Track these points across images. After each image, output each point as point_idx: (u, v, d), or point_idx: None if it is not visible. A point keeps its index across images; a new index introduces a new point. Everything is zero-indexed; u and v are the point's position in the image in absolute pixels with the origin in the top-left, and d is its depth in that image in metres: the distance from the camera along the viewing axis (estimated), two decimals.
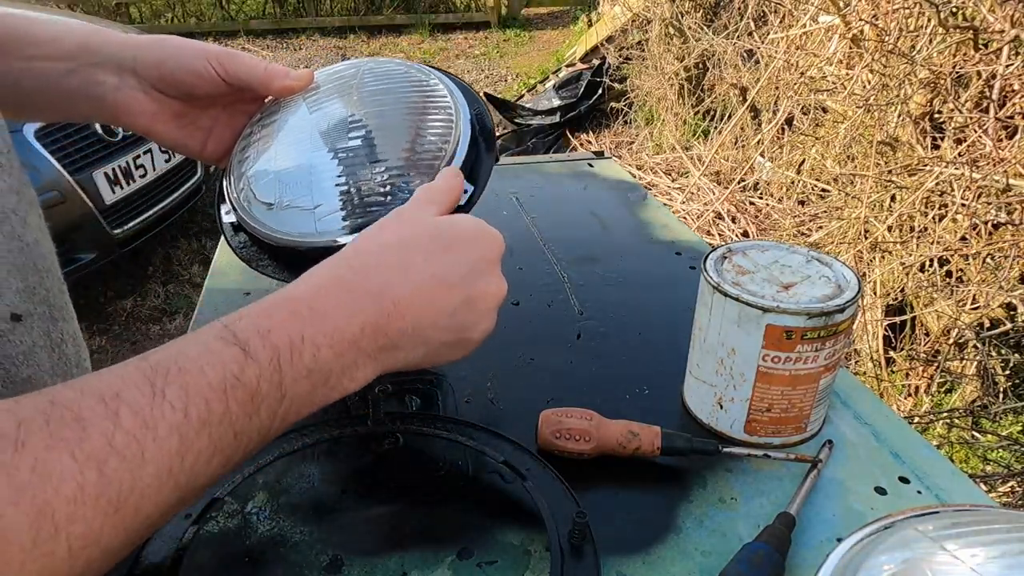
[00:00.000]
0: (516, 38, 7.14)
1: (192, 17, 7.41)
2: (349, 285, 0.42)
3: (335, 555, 0.46)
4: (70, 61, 0.57)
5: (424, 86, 0.60)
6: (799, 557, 0.46)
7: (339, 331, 0.40)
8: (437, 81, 0.60)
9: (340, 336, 0.40)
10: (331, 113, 0.59)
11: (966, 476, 0.54)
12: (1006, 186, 1.75)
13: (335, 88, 0.61)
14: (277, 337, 0.38)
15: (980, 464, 1.89)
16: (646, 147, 4.01)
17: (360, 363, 0.41)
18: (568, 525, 0.45)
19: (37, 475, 0.29)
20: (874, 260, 2.22)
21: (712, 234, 2.93)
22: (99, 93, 0.58)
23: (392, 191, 0.54)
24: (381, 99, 0.60)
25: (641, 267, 0.83)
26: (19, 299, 0.45)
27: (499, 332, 0.72)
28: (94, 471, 0.30)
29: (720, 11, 3.62)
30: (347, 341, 0.40)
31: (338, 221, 0.53)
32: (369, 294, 0.42)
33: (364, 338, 0.41)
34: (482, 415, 0.59)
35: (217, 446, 0.35)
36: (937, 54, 1.99)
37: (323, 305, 0.40)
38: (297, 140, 0.58)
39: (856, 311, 0.53)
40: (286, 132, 0.59)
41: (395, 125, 0.58)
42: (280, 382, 0.37)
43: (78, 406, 0.31)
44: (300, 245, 0.53)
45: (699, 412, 0.58)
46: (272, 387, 0.37)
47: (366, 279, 0.43)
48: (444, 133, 0.56)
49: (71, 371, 0.51)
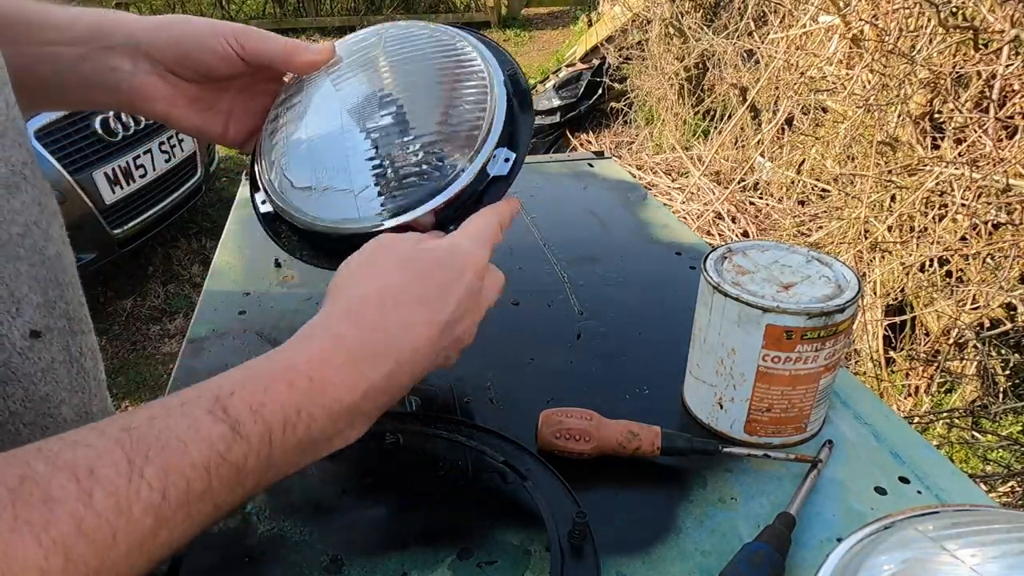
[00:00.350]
0: (516, 38, 7.14)
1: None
2: (352, 352, 0.40)
3: (335, 555, 0.46)
4: (83, 46, 0.55)
5: (452, 50, 0.57)
6: (799, 557, 0.46)
7: (339, 401, 0.39)
8: (465, 43, 0.57)
9: (340, 406, 0.39)
10: (358, 88, 0.56)
11: (966, 476, 0.54)
12: (1006, 186, 1.75)
13: (359, 61, 0.58)
14: (270, 413, 0.36)
15: (980, 464, 1.89)
16: (646, 147, 4.01)
17: (356, 423, 0.40)
18: (568, 525, 0.45)
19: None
20: (874, 260, 2.22)
21: (712, 234, 2.93)
22: (114, 79, 0.55)
23: (429, 167, 0.52)
24: (409, 68, 0.57)
25: (641, 267, 0.83)
26: (39, 315, 0.43)
27: (499, 332, 0.72)
28: (60, 557, 0.28)
29: (720, 11, 3.62)
30: (346, 408, 0.39)
31: (377, 202, 0.52)
32: (375, 357, 0.41)
33: (365, 402, 0.40)
34: (482, 415, 0.59)
35: (194, 519, 0.33)
36: (937, 54, 1.99)
37: (325, 375, 0.38)
38: (327, 120, 0.56)
39: (856, 311, 0.53)
40: (313, 112, 0.57)
41: (427, 96, 0.55)
42: (269, 455, 0.36)
43: (48, 484, 0.29)
44: (343, 231, 0.52)
45: (699, 412, 0.58)
46: (259, 462, 0.35)
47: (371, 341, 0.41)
48: (479, 101, 0.54)
49: (88, 385, 0.50)
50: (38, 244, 0.44)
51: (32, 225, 0.43)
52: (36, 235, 0.44)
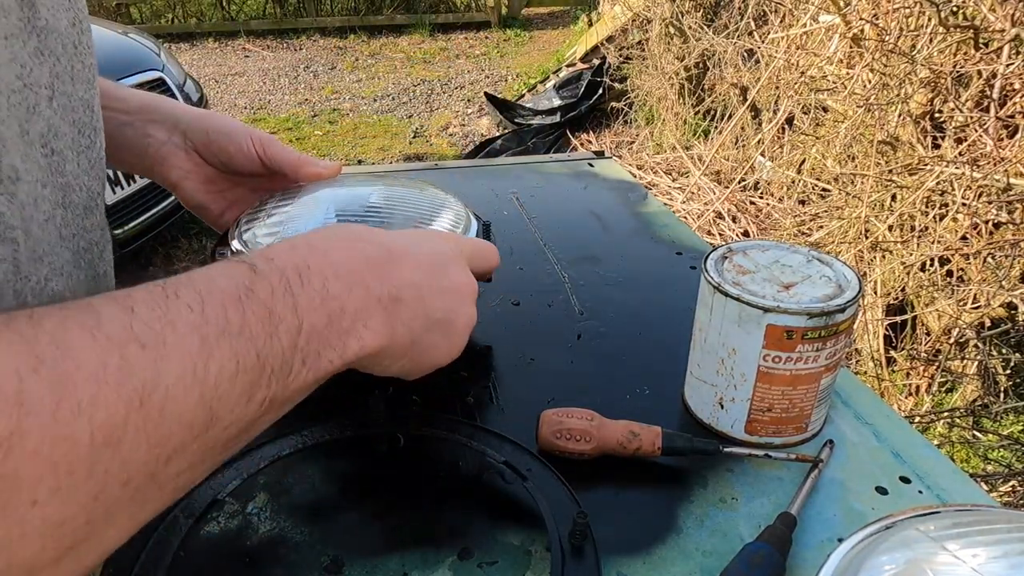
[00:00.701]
0: (516, 38, 7.14)
1: (192, 17, 7.42)
2: (346, 232, 0.43)
3: (335, 555, 0.46)
4: (131, 115, 0.63)
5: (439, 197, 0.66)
6: (800, 557, 0.46)
7: (344, 264, 0.40)
8: (454, 198, 0.66)
9: (345, 268, 0.40)
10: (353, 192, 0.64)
11: (967, 476, 0.54)
12: (1007, 185, 1.75)
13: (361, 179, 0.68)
14: (283, 262, 0.37)
15: (981, 464, 1.89)
16: (646, 147, 4.01)
17: (371, 307, 0.41)
18: (569, 525, 0.45)
19: (56, 347, 0.26)
20: (875, 260, 2.22)
21: (712, 234, 2.93)
22: (144, 144, 0.63)
23: None
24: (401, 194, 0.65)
25: (641, 267, 0.83)
26: None
27: (499, 332, 0.72)
28: (115, 354, 0.28)
29: (720, 11, 3.62)
30: (354, 275, 0.40)
31: None
32: (368, 240, 0.43)
33: (370, 276, 0.41)
34: (482, 415, 0.59)
35: (241, 364, 0.32)
36: (937, 53, 1.99)
37: (323, 245, 0.40)
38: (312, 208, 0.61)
39: (857, 311, 0.53)
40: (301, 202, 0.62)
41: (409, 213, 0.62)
42: (294, 305, 0.36)
43: (88, 302, 0.29)
44: None
45: (700, 412, 0.58)
46: (287, 309, 0.35)
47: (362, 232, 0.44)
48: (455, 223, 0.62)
49: None
50: (94, 262, 0.47)
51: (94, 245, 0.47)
52: (94, 254, 0.47)
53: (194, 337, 0.30)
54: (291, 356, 0.35)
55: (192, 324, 0.31)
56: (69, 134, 0.44)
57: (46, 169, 0.42)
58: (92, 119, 0.47)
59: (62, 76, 0.43)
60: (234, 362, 0.32)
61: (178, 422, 0.29)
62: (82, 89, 0.46)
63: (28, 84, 0.40)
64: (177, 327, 0.30)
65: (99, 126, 0.48)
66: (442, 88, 5.74)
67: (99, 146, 0.48)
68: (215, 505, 0.49)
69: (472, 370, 0.64)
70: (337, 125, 5.01)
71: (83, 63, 0.45)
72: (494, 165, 1.20)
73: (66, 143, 0.44)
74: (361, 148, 4.61)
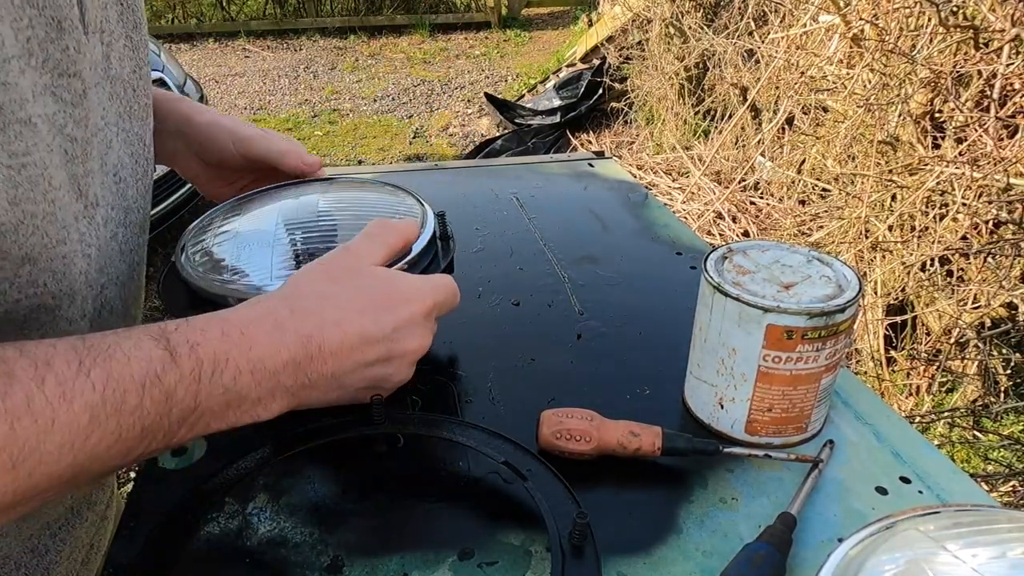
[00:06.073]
0: (516, 38, 7.14)
1: (193, 18, 7.42)
2: (282, 323, 0.45)
3: (336, 556, 0.46)
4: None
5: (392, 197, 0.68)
6: (800, 557, 0.46)
7: (262, 361, 0.43)
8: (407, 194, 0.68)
9: (262, 366, 0.43)
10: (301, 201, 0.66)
11: (967, 476, 0.54)
12: (1007, 185, 1.75)
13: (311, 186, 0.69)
14: (204, 352, 0.40)
15: (981, 464, 1.89)
16: (646, 147, 4.01)
17: (277, 395, 0.44)
18: (569, 525, 0.45)
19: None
20: (875, 260, 2.22)
21: (713, 234, 2.93)
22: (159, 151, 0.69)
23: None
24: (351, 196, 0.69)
25: (641, 267, 0.83)
26: None
27: (499, 332, 0.72)
28: (7, 425, 0.32)
29: (720, 11, 3.61)
30: (268, 372, 0.43)
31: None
32: (299, 336, 0.45)
33: (284, 373, 0.44)
34: (482, 415, 0.59)
35: (122, 435, 0.37)
36: (937, 53, 1.99)
37: (254, 334, 0.43)
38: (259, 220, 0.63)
39: (857, 311, 0.53)
40: (251, 215, 0.64)
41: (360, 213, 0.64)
42: (196, 393, 0.39)
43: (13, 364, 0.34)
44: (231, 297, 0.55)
45: (700, 412, 0.58)
46: (188, 395, 0.39)
47: (300, 322, 0.45)
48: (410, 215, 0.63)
49: None
50: (142, 273, 0.57)
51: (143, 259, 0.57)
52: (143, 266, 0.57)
53: (86, 415, 0.35)
54: (177, 430, 0.40)
55: (88, 403, 0.35)
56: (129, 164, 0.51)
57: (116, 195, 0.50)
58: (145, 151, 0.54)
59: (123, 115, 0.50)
60: (116, 435, 0.36)
61: (47, 478, 0.34)
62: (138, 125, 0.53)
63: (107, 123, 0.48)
64: (74, 405, 0.35)
65: (151, 156, 0.55)
66: (442, 88, 5.74)
67: (150, 174, 0.55)
68: (215, 505, 0.49)
69: (471, 370, 0.64)
70: (337, 125, 5.01)
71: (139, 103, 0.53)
72: (494, 165, 1.20)
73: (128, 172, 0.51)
74: (361, 148, 4.61)
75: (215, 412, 0.41)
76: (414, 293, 0.51)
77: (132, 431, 0.37)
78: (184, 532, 0.46)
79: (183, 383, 0.39)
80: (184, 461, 0.54)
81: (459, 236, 0.88)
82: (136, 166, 0.53)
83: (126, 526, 0.48)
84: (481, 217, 0.94)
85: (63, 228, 0.42)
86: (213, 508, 0.49)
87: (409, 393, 0.61)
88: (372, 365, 0.48)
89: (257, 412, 0.44)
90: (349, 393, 0.49)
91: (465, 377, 0.63)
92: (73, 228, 0.44)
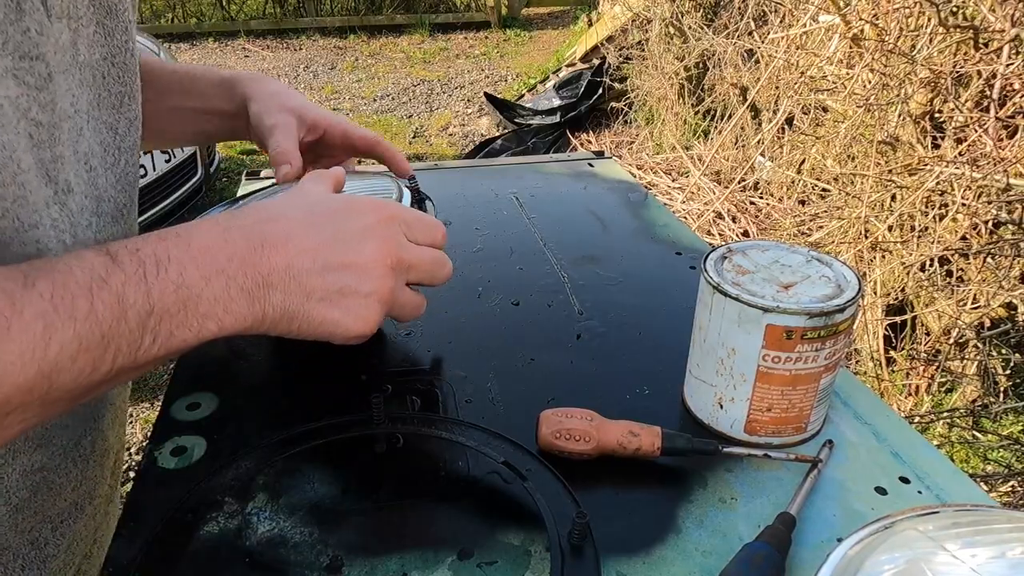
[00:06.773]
0: (516, 38, 7.14)
1: (192, 17, 7.41)
2: (219, 222, 0.45)
3: (335, 555, 0.46)
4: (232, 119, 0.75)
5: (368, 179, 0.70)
6: (799, 557, 0.46)
7: (205, 255, 0.42)
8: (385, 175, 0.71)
9: (206, 260, 0.42)
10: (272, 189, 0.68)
11: (967, 476, 0.54)
12: (1006, 185, 1.75)
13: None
14: (144, 253, 0.40)
15: (981, 464, 1.89)
16: (646, 147, 4.01)
17: (233, 295, 0.43)
18: (568, 525, 0.45)
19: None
20: (874, 260, 2.22)
21: (712, 234, 2.93)
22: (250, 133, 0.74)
23: None
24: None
25: (641, 267, 0.83)
26: None
27: (499, 332, 0.72)
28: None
29: (720, 11, 3.62)
30: (215, 267, 0.42)
31: None
32: (240, 229, 0.45)
33: (232, 267, 0.43)
34: (482, 415, 0.59)
35: (83, 344, 0.36)
36: (937, 53, 1.99)
37: (191, 232, 0.43)
38: None
39: (856, 311, 0.53)
40: None
41: None
42: (148, 292, 0.39)
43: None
44: None
45: (699, 412, 0.58)
46: (139, 295, 0.39)
47: (239, 219, 0.46)
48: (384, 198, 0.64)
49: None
50: None
51: None
52: None
53: (39, 323, 0.35)
54: (139, 335, 0.39)
55: (39, 311, 0.35)
56: (99, 153, 0.51)
57: (88, 183, 0.50)
58: (116, 140, 0.54)
59: (93, 103, 0.50)
60: (76, 343, 0.36)
61: (16, 389, 0.34)
62: (107, 113, 0.52)
63: (77, 111, 0.47)
64: (24, 315, 0.35)
65: (122, 146, 0.54)
66: (442, 88, 5.74)
67: (123, 164, 0.54)
68: (215, 505, 0.49)
69: (471, 370, 0.64)
70: None
71: (109, 91, 0.52)
72: (494, 165, 1.20)
73: (98, 160, 0.51)
74: None
75: (173, 315, 0.40)
76: (367, 203, 0.51)
77: (92, 338, 0.37)
78: (184, 532, 0.46)
79: (131, 283, 0.39)
80: (184, 461, 0.54)
81: (459, 236, 0.88)
82: (106, 155, 0.52)
83: (126, 526, 0.48)
84: (481, 217, 0.94)
85: (35, 212, 0.43)
86: (213, 508, 0.49)
87: (409, 393, 0.61)
88: (332, 269, 0.47)
89: (219, 315, 0.42)
90: (317, 301, 0.46)
91: (465, 377, 0.63)
92: (45, 213, 0.44)
